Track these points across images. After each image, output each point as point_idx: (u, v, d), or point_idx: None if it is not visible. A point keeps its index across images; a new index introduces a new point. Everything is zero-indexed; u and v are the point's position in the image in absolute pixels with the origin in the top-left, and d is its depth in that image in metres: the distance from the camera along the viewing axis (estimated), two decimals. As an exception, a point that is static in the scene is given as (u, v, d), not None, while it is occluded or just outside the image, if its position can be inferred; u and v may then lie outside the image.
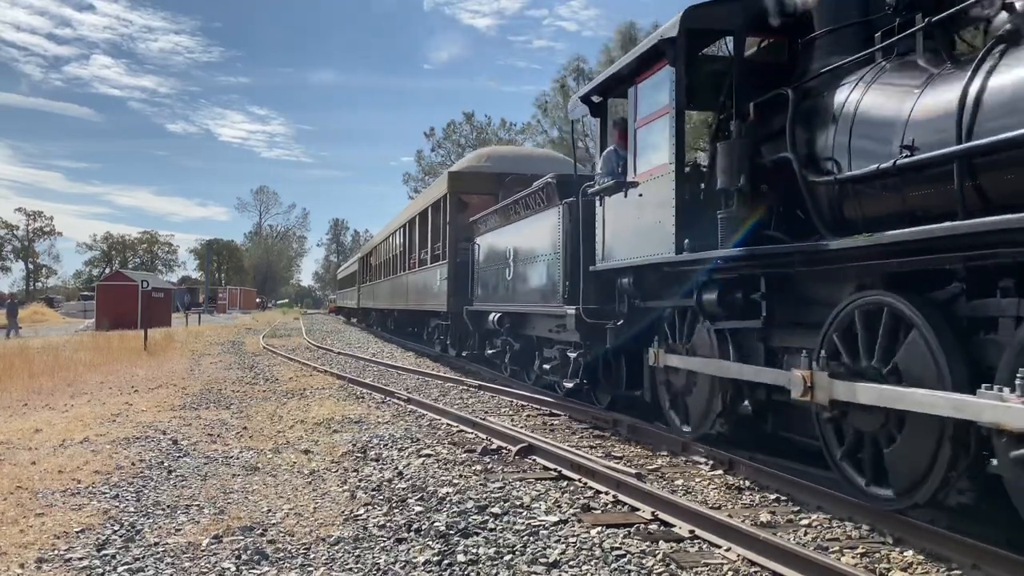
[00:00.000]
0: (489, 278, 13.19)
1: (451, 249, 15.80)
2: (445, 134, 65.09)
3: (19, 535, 4.59)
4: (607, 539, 4.48)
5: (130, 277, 39.32)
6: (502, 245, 12.37)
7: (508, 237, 12.10)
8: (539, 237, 10.44)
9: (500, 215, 12.52)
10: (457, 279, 15.38)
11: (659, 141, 6.95)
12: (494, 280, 12.81)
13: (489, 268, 13.24)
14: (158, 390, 12.22)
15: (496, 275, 12.67)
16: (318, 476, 6.16)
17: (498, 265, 12.57)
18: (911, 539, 4.36)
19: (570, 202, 9.27)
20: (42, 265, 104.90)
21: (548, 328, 10.06)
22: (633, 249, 7.49)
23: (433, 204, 18.06)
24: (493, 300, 12.81)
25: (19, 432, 8.14)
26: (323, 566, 4.09)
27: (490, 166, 16.26)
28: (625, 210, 7.68)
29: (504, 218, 12.33)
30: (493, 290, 12.88)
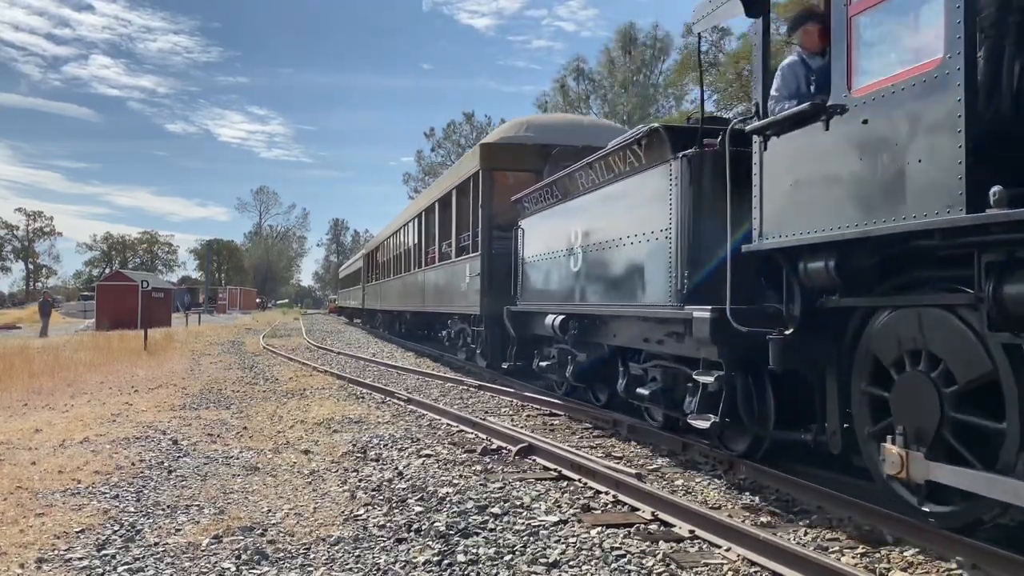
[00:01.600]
0: (542, 271, 10.39)
1: (485, 238, 13.14)
2: (445, 134, 65.20)
3: (19, 535, 4.59)
4: (607, 539, 4.48)
5: (130, 277, 39.31)
6: (563, 227, 9.49)
7: (573, 215, 9.20)
8: (631, 209, 7.52)
9: (559, 187, 9.68)
10: (493, 275, 12.80)
11: (916, 24, 4.42)
12: (550, 273, 10.01)
13: (542, 258, 10.41)
14: (158, 390, 12.22)
15: (554, 266, 9.86)
16: (318, 476, 6.16)
17: (556, 253, 9.73)
18: (911, 539, 4.36)
19: (693, 154, 6.42)
20: (42, 265, 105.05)
21: (644, 336, 7.36)
22: (837, 213, 4.75)
23: (459, 186, 15.39)
24: (549, 299, 9.99)
25: (19, 432, 8.14)
26: (323, 566, 4.09)
27: (532, 136, 13.40)
28: (823, 151, 4.91)
29: (566, 191, 9.51)
30: (549, 286, 10.09)
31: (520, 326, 11.34)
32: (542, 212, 10.47)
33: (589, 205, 8.72)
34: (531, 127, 13.92)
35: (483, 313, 13.15)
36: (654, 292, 7.01)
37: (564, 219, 9.56)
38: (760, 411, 5.92)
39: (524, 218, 11.25)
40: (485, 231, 13.18)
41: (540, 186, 10.44)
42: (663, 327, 6.94)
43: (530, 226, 11.06)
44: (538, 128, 13.83)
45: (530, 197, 10.87)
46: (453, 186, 15.81)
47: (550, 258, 10.07)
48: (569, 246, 9.23)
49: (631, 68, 54.08)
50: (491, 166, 13.44)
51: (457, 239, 15.52)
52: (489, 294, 12.82)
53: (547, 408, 9.74)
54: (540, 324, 10.18)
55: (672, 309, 6.59)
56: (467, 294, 14.13)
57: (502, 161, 13.39)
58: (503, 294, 12.02)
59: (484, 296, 12.97)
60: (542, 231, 10.49)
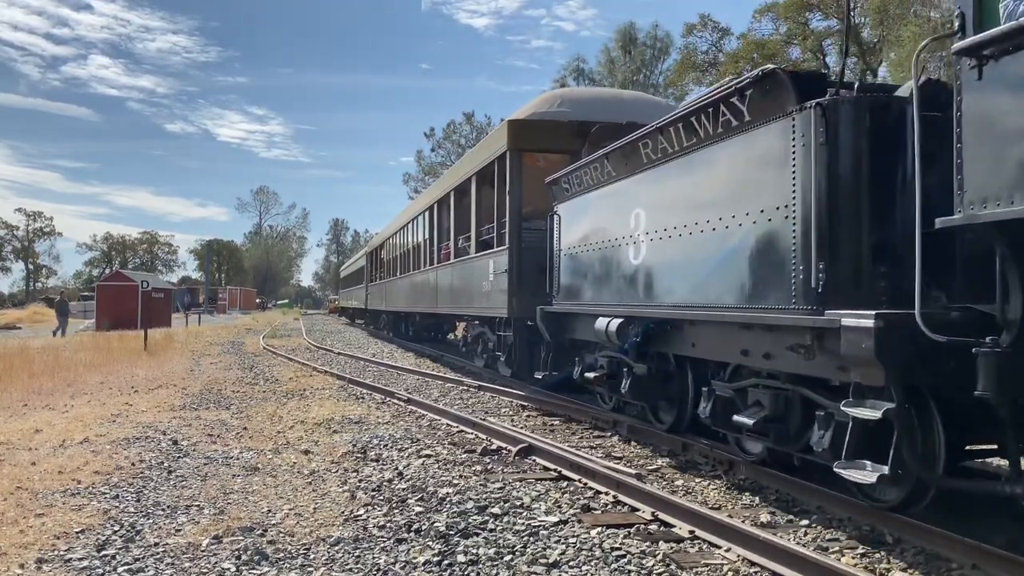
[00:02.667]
0: (587, 264, 8.73)
1: (513, 230, 11.43)
2: (445, 134, 65.23)
3: (19, 535, 4.59)
4: (607, 539, 4.48)
5: (130, 277, 39.30)
6: (619, 210, 7.77)
7: (634, 195, 7.45)
8: (728, 182, 5.82)
9: (614, 162, 7.87)
10: (522, 271, 11.25)
11: None
12: (599, 267, 8.35)
13: (587, 249, 8.70)
14: (158, 390, 12.22)
15: (604, 258, 8.18)
16: (318, 476, 6.17)
17: (609, 242, 8.03)
18: (911, 539, 4.36)
19: (830, 102, 4.81)
20: (42, 265, 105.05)
21: (743, 348, 5.66)
22: None
23: (479, 172, 13.51)
24: (597, 298, 8.39)
25: (19, 432, 8.14)
26: (323, 566, 4.09)
27: (568, 112, 11.59)
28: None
29: (623, 165, 7.66)
30: (597, 282, 8.41)
31: (556, 330, 9.61)
32: (588, 193, 8.66)
33: (659, 181, 6.92)
34: (566, 102, 11.95)
35: (512, 316, 11.43)
36: (766, 291, 5.27)
37: (620, 200, 7.74)
38: (924, 450, 4.51)
39: (562, 202, 9.53)
40: (514, 222, 11.43)
41: (585, 162, 8.63)
42: (778, 337, 5.19)
43: (570, 211, 9.31)
44: (574, 103, 11.89)
45: (571, 177, 9.10)
46: (472, 172, 13.93)
47: (599, 248, 8.32)
48: (628, 233, 7.49)
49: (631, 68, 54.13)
50: (521, 146, 11.61)
51: (478, 232, 13.77)
52: (518, 294, 11.23)
53: (547, 408, 9.75)
54: (584, 327, 8.63)
55: (799, 313, 4.88)
56: (490, 294, 12.44)
57: (533, 140, 11.63)
58: (533, 293, 10.65)
59: (513, 296, 11.29)
60: (587, 216, 8.75)
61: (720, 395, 6.09)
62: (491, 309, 12.49)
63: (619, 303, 7.78)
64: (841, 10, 36.85)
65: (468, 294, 14.19)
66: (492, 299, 12.33)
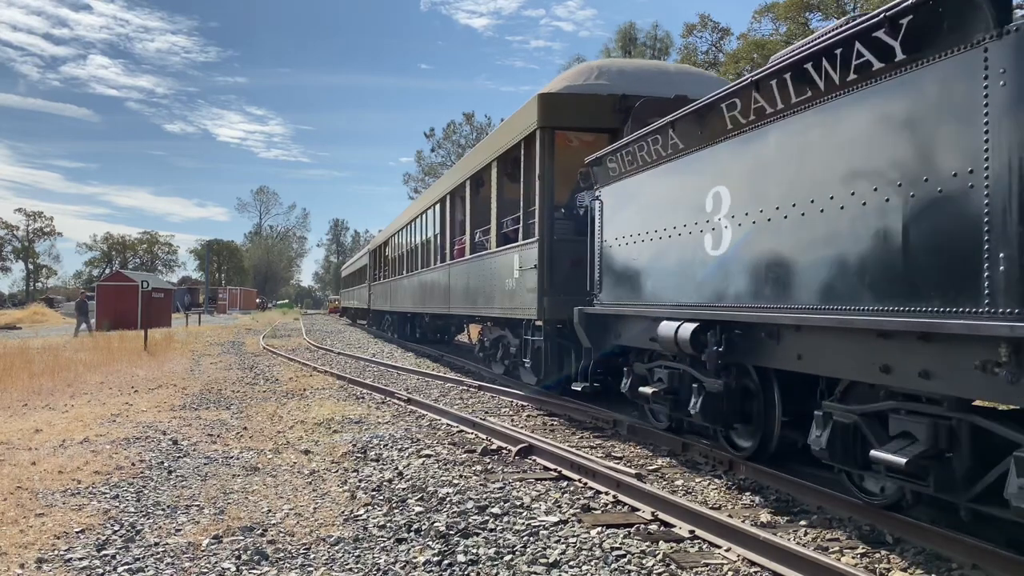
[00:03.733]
0: (645, 257, 7.32)
1: (545, 220, 10.08)
2: (445, 134, 65.23)
3: (19, 535, 4.59)
4: (607, 539, 4.48)
5: (130, 277, 39.30)
6: (689, 189, 6.48)
7: (711, 170, 6.15)
8: (861, 144, 4.55)
9: (683, 131, 6.55)
10: (554, 267, 10.02)
11: None
12: (664, 259, 6.94)
13: (643, 239, 7.33)
14: (158, 390, 12.22)
15: (669, 249, 6.82)
16: (318, 476, 6.17)
17: (674, 230, 6.71)
18: (911, 539, 4.36)
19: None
20: (42, 265, 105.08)
21: (883, 364, 4.43)
22: None
23: (502, 156, 12.08)
24: (662, 297, 6.96)
25: (19, 432, 8.14)
26: (323, 566, 4.09)
27: (607, 85, 10.26)
28: None
29: (696, 135, 6.37)
30: (661, 278, 7.03)
31: (598, 334, 8.40)
32: (643, 172, 7.36)
33: (751, 150, 5.59)
34: (604, 73, 10.56)
35: (542, 317, 10.06)
36: (931, 288, 4.02)
37: (692, 178, 6.44)
38: None
39: (606, 185, 8.20)
40: (545, 210, 10.09)
41: (639, 136, 7.31)
42: (947, 350, 3.99)
43: (618, 195, 7.96)
44: (614, 75, 10.51)
45: (619, 155, 7.79)
46: (493, 157, 12.50)
47: (659, 238, 6.98)
48: (703, 218, 6.20)
49: (631, 68, 53.99)
50: (553, 123, 10.26)
51: (499, 224, 12.33)
52: (551, 292, 9.95)
53: (547, 408, 9.75)
54: (635, 332, 7.56)
55: (993, 319, 3.62)
56: (515, 293, 11.10)
57: (567, 116, 10.32)
58: (566, 292, 9.63)
59: (544, 295, 9.97)
60: (642, 200, 7.41)
61: (840, 421, 4.79)
62: (517, 310, 11.08)
63: (690, 303, 6.41)
64: (841, 10, 36.86)
65: (487, 293, 12.84)
66: (517, 299, 11.05)
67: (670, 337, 6.42)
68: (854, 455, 4.82)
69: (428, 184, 48.97)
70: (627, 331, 7.82)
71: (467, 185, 14.48)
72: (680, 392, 6.83)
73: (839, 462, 4.91)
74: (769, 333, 5.52)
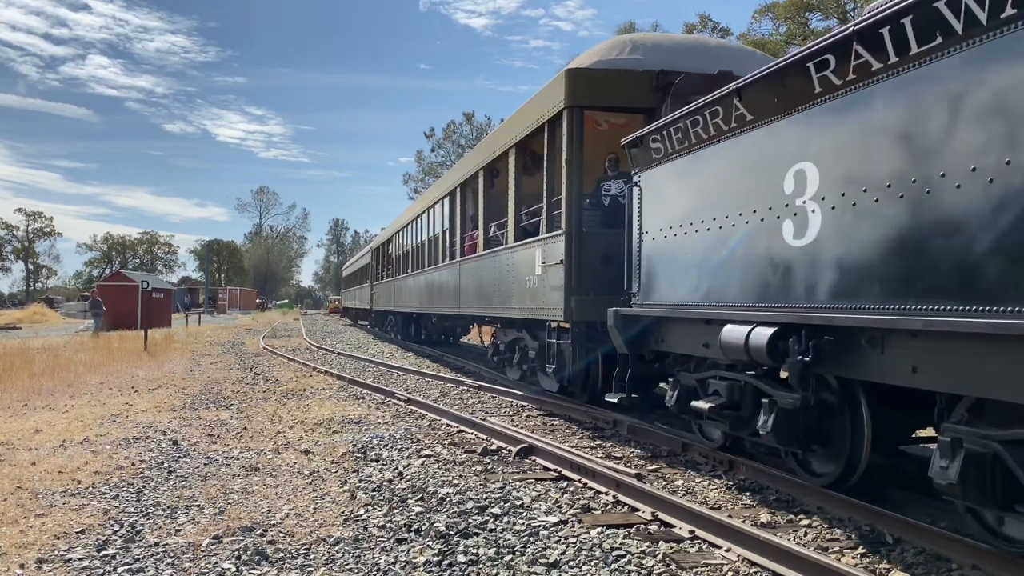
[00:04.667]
0: (701, 249, 6.29)
1: (573, 210, 9.11)
2: (445, 134, 65.25)
3: (19, 535, 4.59)
4: (607, 539, 4.48)
5: (130, 277, 39.32)
6: (763, 167, 5.46)
7: (795, 143, 5.15)
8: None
9: (749, 100, 5.57)
10: (583, 262, 9.04)
11: None
12: (726, 251, 5.92)
13: (697, 228, 6.33)
14: (158, 390, 12.22)
15: (734, 240, 5.80)
16: (318, 476, 6.17)
17: (740, 217, 5.71)
18: (911, 539, 4.36)
19: None
20: (42, 266, 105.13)
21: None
22: None
23: (520, 143, 11.11)
24: (724, 296, 5.93)
25: (19, 432, 8.14)
26: (323, 566, 4.09)
27: (642, 60, 9.27)
28: None
29: (767, 102, 5.40)
30: (722, 274, 5.96)
31: (638, 339, 7.36)
32: (697, 152, 6.35)
33: (852, 117, 4.64)
34: (638, 47, 9.50)
35: (569, 318, 9.12)
36: None
37: (765, 154, 5.43)
38: None
39: (647, 168, 7.25)
40: (573, 199, 9.11)
41: (693, 109, 6.30)
42: None
43: (663, 180, 6.98)
44: (650, 49, 9.48)
45: (665, 133, 6.78)
46: (511, 144, 11.39)
47: (720, 227, 5.96)
48: (780, 202, 5.20)
49: (631, 68, 54.01)
50: (583, 102, 9.25)
51: (517, 218, 11.34)
52: (578, 291, 9.01)
53: (547, 408, 9.75)
54: (685, 337, 6.61)
55: None
56: (538, 291, 10.13)
57: (598, 94, 9.29)
58: (596, 291, 8.82)
59: (571, 294, 9.02)
60: (695, 184, 6.45)
61: (972, 450, 3.88)
62: (539, 311, 10.12)
63: (763, 304, 5.40)
64: (841, 10, 36.87)
65: (503, 292, 11.75)
66: (539, 298, 10.10)
67: (737, 344, 5.42)
68: (993, 492, 3.85)
69: (428, 184, 48.89)
70: (672, 336, 6.85)
71: (480, 176, 13.42)
72: (741, 407, 5.85)
73: (974, 501, 3.92)
74: (871, 340, 4.55)
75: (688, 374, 6.69)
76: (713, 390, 6.13)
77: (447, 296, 16.21)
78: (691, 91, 7.63)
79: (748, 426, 5.77)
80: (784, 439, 5.30)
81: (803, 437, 5.31)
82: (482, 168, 13.24)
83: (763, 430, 5.36)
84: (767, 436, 5.34)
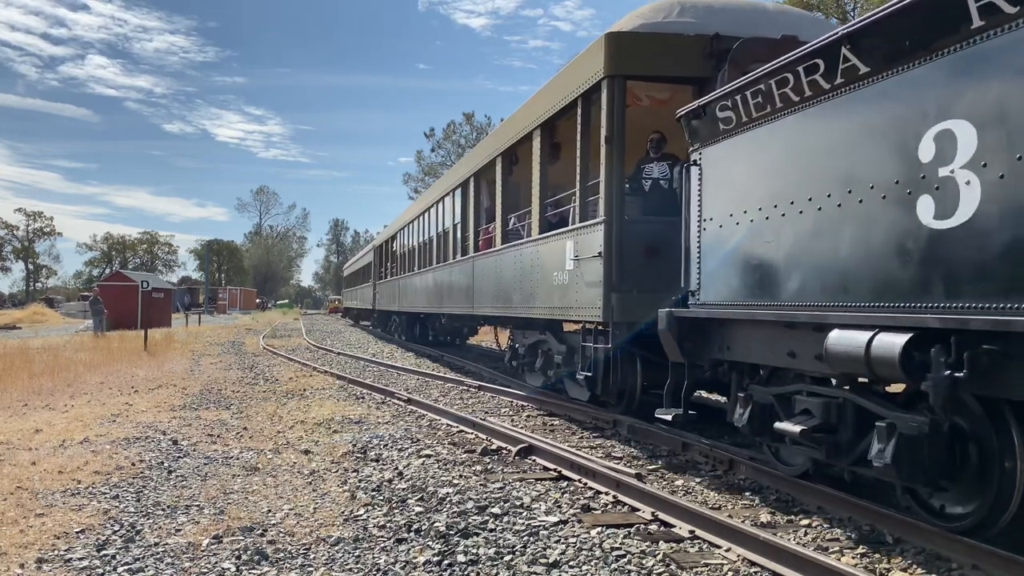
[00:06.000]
0: (782, 238, 5.19)
1: (614, 195, 7.99)
2: (445, 134, 65.21)
3: (19, 535, 4.59)
4: (607, 539, 4.48)
5: (130, 277, 39.34)
6: (885, 131, 4.38)
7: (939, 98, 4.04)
8: None
9: (868, 47, 4.46)
10: (625, 255, 7.92)
11: None
12: (824, 239, 4.81)
13: (779, 213, 5.22)
14: (158, 390, 12.22)
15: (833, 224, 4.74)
16: (318, 476, 6.17)
17: (848, 195, 4.60)
18: (911, 539, 4.36)
19: None
20: (42, 265, 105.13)
21: None
22: None
23: (546, 122, 10.01)
24: (820, 294, 4.84)
25: (19, 432, 8.14)
26: (323, 566, 4.09)
27: (694, 23, 8.17)
28: None
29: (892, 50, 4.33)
30: (818, 266, 4.89)
31: (697, 345, 6.23)
32: (785, 118, 5.20)
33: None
34: (688, 9, 8.31)
35: (610, 318, 7.96)
36: None
37: (889, 115, 4.33)
38: None
39: (711, 143, 6.13)
40: (614, 182, 8.02)
41: (780, 64, 5.08)
42: None
43: (733, 155, 5.85)
44: (701, 12, 8.31)
45: (739, 97, 5.63)
46: (535, 124, 10.30)
47: (819, 208, 4.81)
48: (916, 172, 4.12)
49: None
50: (626, 70, 8.12)
51: (541, 207, 10.23)
52: (620, 288, 7.87)
53: (547, 408, 9.75)
54: (757, 343, 5.53)
55: None
56: (568, 289, 9.01)
57: (644, 62, 8.13)
58: (641, 287, 7.74)
59: (612, 291, 7.89)
60: (781, 157, 5.27)
61: None
62: (570, 310, 9.01)
63: (887, 304, 4.27)
64: (841, 10, 36.82)
65: (526, 290, 10.66)
66: (571, 295, 8.92)
67: (851, 354, 4.32)
68: None
69: (428, 184, 48.81)
70: (743, 342, 5.72)
71: (498, 163, 12.15)
72: (840, 431, 4.87)
73: None
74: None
75: (761, 388, 5.62)
76: (801, 408, 5.11)
77: (458, 295, 15.12)
78: (751, 58, 6.69)
79: (848, 453, 4.82)
80: (908, 473, 4.24)
81: (932, 471, 4.24)
82: (500, 154, 12.06)
83: (878, 460, 4.28)
84: (884, 469, 4.27)
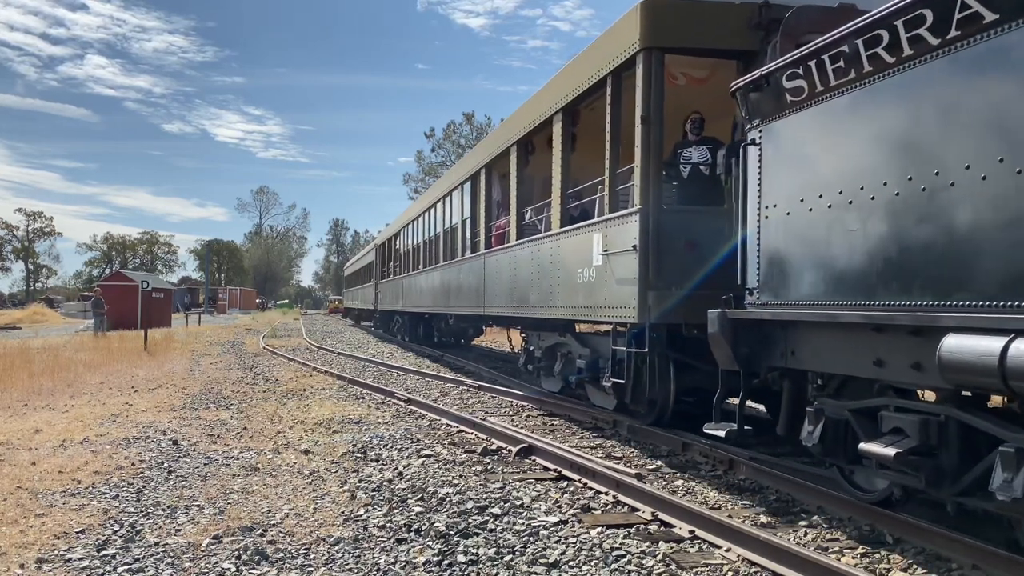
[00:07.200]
0: (870, 227, 4.42)
1: (651, 182, 7.22)
2: (445, 134, 65.20)
3: (19, 535, 4.59)
4: (607, 539, 4.48)
5: (130, 277, 39.34)
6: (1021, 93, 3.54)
7: None
8: None
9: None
10: (663, 249, 7.14)
11: None
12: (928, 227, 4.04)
13: (868, 196, 4.44)
14: (158, 390, 12.22)
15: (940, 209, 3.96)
16: (318, 476, 6.17)
17: (964, 170, 3.81)
18: (911, 539, 4.36)
19: None
20: (42, 265, 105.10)
21: None
22: None
23: (569, 105, 9.17)
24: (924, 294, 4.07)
25: (19, 432, 8.14)
26: (323, 566, 4.09)
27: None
28: None
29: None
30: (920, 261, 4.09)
31: (752, 350, 5.49)
32: (872, 86, 4.45)
33: None
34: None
35: (646, 319, 7.15)
36: None
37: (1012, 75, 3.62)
38: None
39: (773, 120, 5.38)
40: (651, 167, 7.25)
41: (871, 20, 4.33)
42: None
43: (803, 133, 5.11)
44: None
45: (814, 63, 4.82)
46: (557, 108, 9.41)
47: (923, 189, 4.06)
48: None
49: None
50: (664, 42, 7.29)
51: (563, 199, 9.44)
52: (657, 285, 7.08)
53: (547, 408, 9.75)
54: (832, 349, 4.84)
55: None
56: (595, 287, 8.17)
57: (683, 34, 7.31)
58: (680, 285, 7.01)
59: (648, 289, 7.10)
60: (872, 131, 4.47)
61: None
62: (599, 310, 8.09)
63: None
64: (841, 10, 36.84)
65: (544, 289, 9.78)
66: (598, 294, 8.09)
67: (980, 363, 3.56)
68: None
69: (428, 184, 48.79)
70: (814, 347, 5.01)
71: (513, 153, 11.22)
72: (940, 454, 4.18)
73: None
74: None
75: (834, 401, 4.96)
76: (892, 427, 4.39)
77: (468, 294, 14.12)
78: (807, 28, 5.92)
79: (954, 481, 4.13)
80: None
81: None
82: (515, 143, 11.11)
83: (1004, 493, 3.56)
84: (1014, 504, 3.54)
